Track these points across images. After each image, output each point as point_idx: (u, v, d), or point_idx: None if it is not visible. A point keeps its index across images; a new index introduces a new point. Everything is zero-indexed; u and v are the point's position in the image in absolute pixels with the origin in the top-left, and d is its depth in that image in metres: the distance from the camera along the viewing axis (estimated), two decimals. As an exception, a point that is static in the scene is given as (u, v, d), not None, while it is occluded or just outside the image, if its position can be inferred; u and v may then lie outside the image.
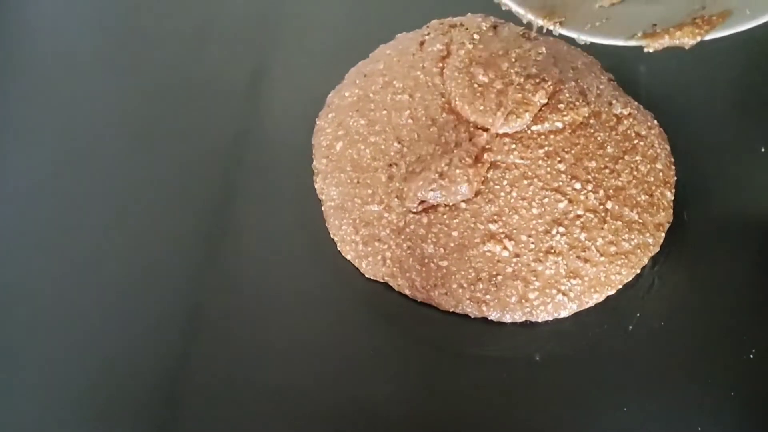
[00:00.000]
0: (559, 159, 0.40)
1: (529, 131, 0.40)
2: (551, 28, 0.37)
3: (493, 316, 0.39)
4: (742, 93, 0.47)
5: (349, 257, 0.41)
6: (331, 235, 0.42)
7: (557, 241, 0.39)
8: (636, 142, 0.42)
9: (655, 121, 0.44)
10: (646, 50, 0.37)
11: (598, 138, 0.41)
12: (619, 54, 0.38)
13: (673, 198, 0.42)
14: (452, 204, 0.40)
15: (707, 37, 0.36)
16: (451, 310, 0.39)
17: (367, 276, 0.41)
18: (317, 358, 0.38)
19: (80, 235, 0.43)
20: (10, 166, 0.46)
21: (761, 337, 0.38)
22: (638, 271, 0.40)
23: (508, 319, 0.39)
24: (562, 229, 0.39)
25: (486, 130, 0.41)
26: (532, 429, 0.36)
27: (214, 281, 0.41)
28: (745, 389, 0.36)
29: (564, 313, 0.39)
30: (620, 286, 0.39)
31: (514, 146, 0.40)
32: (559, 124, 0.41)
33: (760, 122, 0.45)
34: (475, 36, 0.43)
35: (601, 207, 0.40)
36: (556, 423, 0.36)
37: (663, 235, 0.40)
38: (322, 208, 0.43)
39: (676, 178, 0.42)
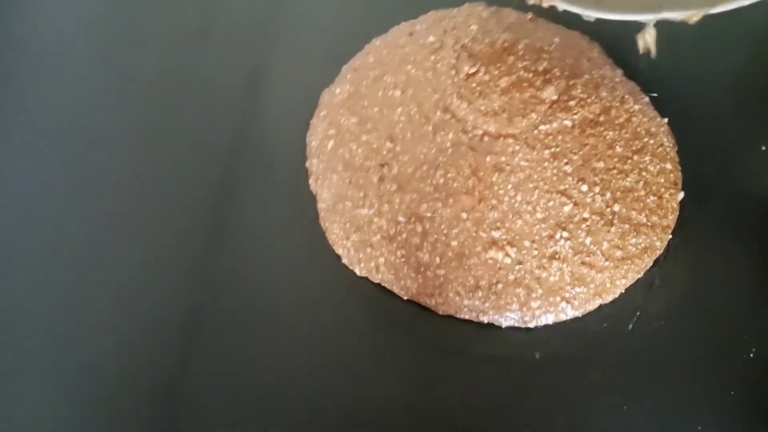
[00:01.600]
0: (566, 160, 0.38)
1: (535, 131, 0.38)
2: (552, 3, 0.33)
3: (493, 321, 0.38)
4: (742, 90, 0.45)
5: (344, 261, 0.40)
6: (327, 237, 0.40)
7: (561, 246, 0.37)
8: (646, 140, 0.40)
9: (665, 119, 0.41)
10: (652, 24, 0.33)
11: (608, 137, 0.39)
12: (619, 49, 0.35)
13: (681, 199, 0.40)
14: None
15: (713, 11, 0.33)
16: (449, 315, 0.38)
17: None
18: (315, 358, 0.38)
19: (77, 236, 0.42)
20: (6, 168, 0.46)
21: (761, 336, 0.37)
22: (642, 274, 0.39)
23: (507, 323, 0.38)
24: (566, 234, 0.37)
25: (487, 131, 0.38)
26: (533, 428, 0.36)
27: (212, 282, 0.40)
28: (746, 388, 0.36)
29: (565, 318, 0.38)
30: (623, 291, 0.38)
31: (518, 147, 0.38)
32: (568, 123, 0.38)
33: (759, 120, 0.44)
34: (472, 27, 0.40)
35: (608, 210, 0.38)
36: (556, 422, 0.36)
37: (669, 236, 0.39)
38: (317, 209, 0.41)
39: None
